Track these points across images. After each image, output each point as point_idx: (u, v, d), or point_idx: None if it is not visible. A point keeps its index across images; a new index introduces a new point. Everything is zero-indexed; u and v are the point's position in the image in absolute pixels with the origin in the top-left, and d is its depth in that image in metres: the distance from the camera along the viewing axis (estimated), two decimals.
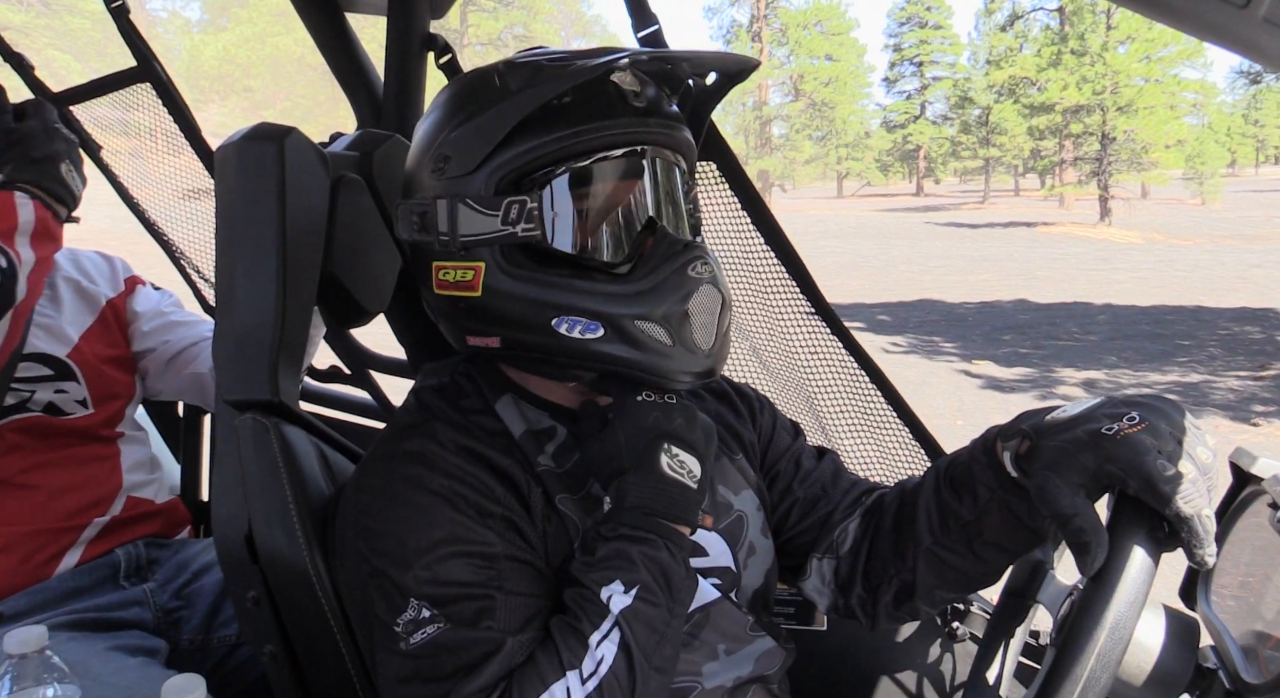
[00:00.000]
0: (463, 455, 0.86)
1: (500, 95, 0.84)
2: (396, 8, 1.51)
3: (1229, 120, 43.03)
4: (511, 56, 0.91)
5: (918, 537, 0.95)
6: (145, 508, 1.43)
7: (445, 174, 0.87)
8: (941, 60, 40.81)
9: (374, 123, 1.60)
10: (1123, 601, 0.71)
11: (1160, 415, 0.75)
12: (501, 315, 0.87)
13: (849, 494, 1.07)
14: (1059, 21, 28.46)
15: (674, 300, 0.84)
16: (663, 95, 0.92)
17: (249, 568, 0.97)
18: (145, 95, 1.85)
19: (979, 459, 0.89)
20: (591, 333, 0.84)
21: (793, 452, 1.10)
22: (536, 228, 0.84)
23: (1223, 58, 49.63)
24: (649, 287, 0.84)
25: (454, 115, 0.87)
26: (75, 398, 1.36)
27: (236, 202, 0.99)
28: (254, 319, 0.98)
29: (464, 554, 0.81)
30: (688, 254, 0.85)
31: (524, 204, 0.84)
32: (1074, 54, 26.02)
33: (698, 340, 0.85)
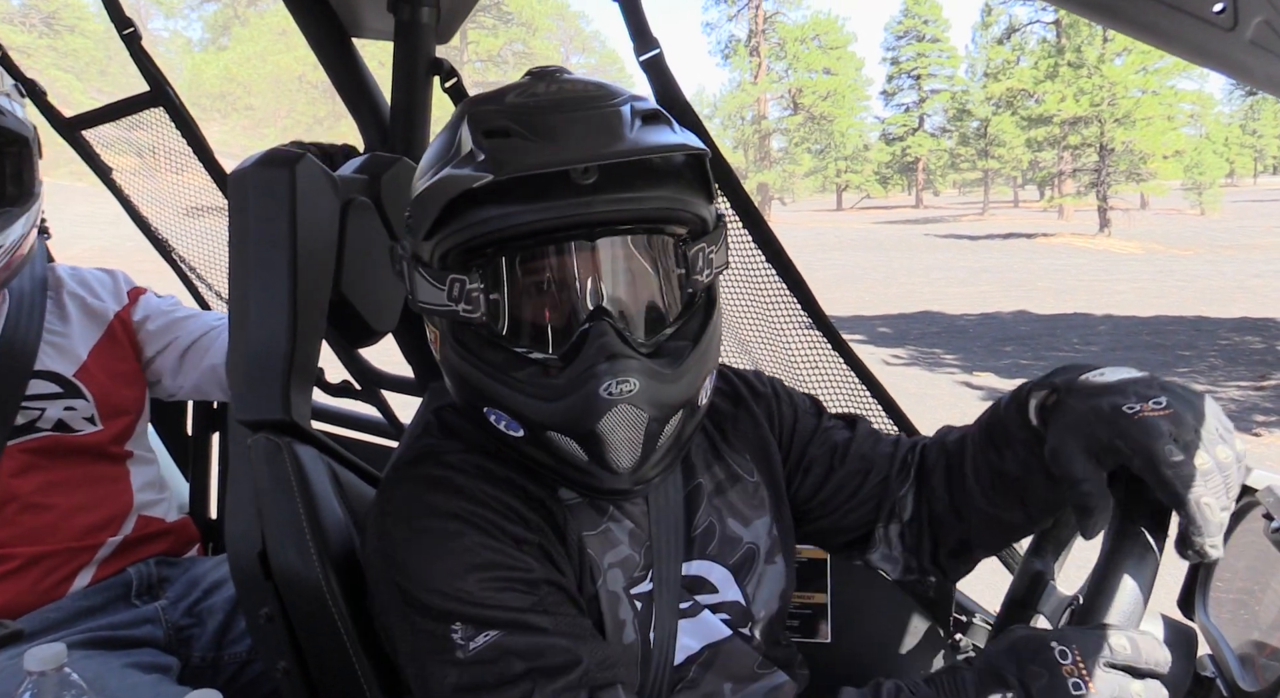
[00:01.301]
0: (494, 482, 0.86)
1: (447, 161, 0.81)
2: (403, 33, 1.53)
3: (1227, 131, 43.23)
4: (486, 98, 0.87)
5: (971, 500, 0.94)
6: (156, 527, 1.45)
7: (410, 233, 0.85)
8: (939, 73, 41.03)
9: (381, 145, 1.63)
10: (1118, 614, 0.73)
11: (1188, 406, 0.74)
12: (453, 385, 0.88)
13: (895, 459, 1.03)
14: (1056, 34, 28.64)
15: (584, 420, 0.80)
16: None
17: (262, 585, 0.98)
18: (149, 116, 1.88)
19: (1010, 412, 0.89)
20: (514, 431, 0.83)
21: (821, 434, 1.06)
22: (475, 310, 0.82)
23: None
24: (557, 396, 0.80)
25: (426, 167, 0.85)
26: (84, 415, 1.38)
27: (250, 225, 1.01)
28: (267, 340, 1.00)
29: (506, 581, 0.80)
30: (609, 369, 0.79)
31: (464, 284, 0.81)
32: (1071, 66, 26.16)
33: (613, 460, 0.81)
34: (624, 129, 0.79)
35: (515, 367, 0.82)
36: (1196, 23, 0.82)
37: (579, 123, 0.79)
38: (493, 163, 0.76)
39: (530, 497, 0.87)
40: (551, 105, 0.81)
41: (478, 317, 0.82)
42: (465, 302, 0.81)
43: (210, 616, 1.40)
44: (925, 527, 1.00)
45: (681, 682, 0.92)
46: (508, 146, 0.78)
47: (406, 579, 0.82)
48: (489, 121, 0.80)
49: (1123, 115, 24.92)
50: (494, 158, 0.77)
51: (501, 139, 0.78)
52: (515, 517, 0.84)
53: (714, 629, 0.94)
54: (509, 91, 0.85)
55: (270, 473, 0.97)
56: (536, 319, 0.84)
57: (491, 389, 0.82)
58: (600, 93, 0.84)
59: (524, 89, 0.85)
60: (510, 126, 0.79)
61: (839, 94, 38.66)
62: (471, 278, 0.81)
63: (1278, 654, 0.82)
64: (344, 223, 1.11)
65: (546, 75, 0.87)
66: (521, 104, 0.82)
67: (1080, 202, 27.52)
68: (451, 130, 0.84)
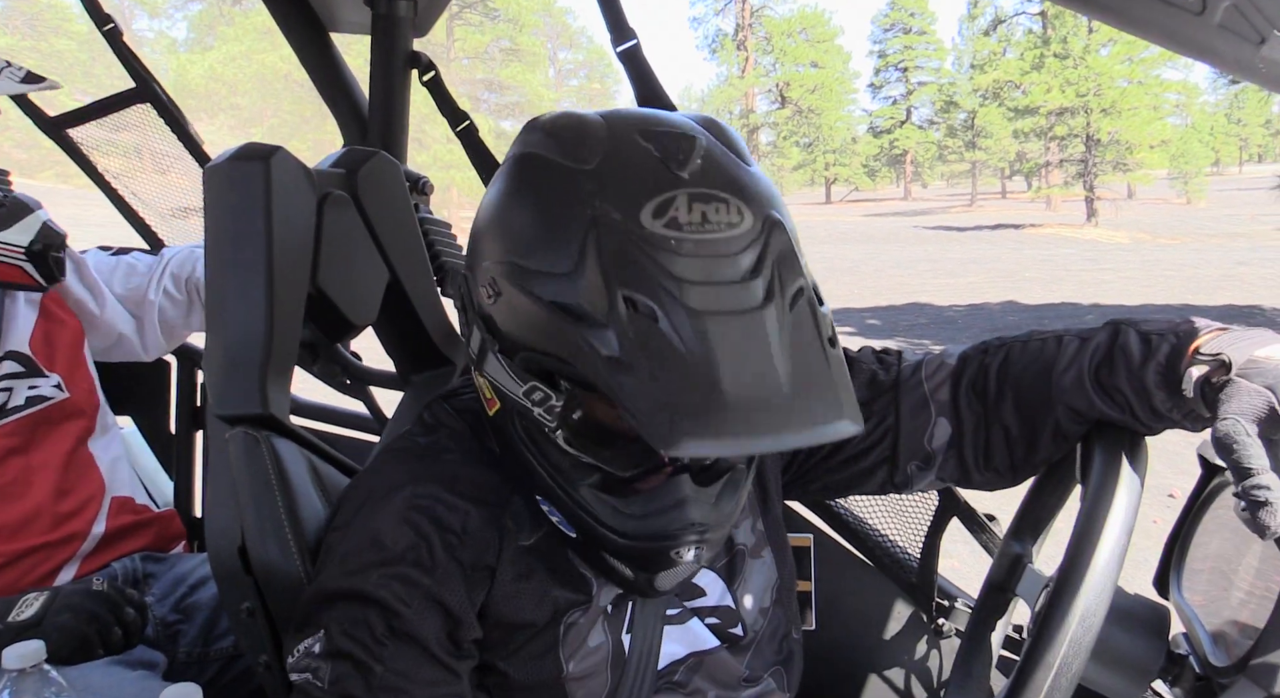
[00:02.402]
0: (450, 504, 0.83)
1: (570, 291, 0.68)
2: (380, 27, 1.53)
3: (1212, 120, 43.43)
4: (625, 167, 0.70)
5: (1061, 432, 0.89)
6: (138, 515, 1.44)
7: (492, 305, 0.75)
8: (926, 65, 41.12)
9: (360, 140, 1.63)
10: (1091, 590, 0.74)
11: None
12: (502, 447, 0.84)
13: (907, 391, 0.96)
14: (1041, 25, 28.73)
15: (650, 564, 0.79)
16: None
17: (243, 580, 0.98)
18: (135, 117, 1.87)
19: (1150, 375, 0.81)
20: (566, 529, 0.81)
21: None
22: (553, 421, 0.74)
23: None
24: (629, 539, 0.77)
25: (520, 250, 0.72)
26: (50, 384, 1.38)
27: (225, 219, 1.01)
28: (244, 334, 0.99)
29: (364, 620, 0.78)
30: (685, 536, 0.76)
31: (547, 397, 0.73)
32: (1057, 57, 26.26)
33: (661, 586, 0.82)
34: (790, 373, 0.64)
35: (581, 475, 0.78)
36: (1167, 7, 0.83)
37: (741, 351, 0.63)
38: (633, 400, 0.62)
39: (483, 522, 0.84)
40: (698, 283, 0.64)
41: (552, 426, 0.75)
42: (544, 410, 0.74)
43: (197, 611, 1.40)
44: (970, 455, 0.95)
45: (665, 683, 0.90)
46: (649, 370, 0.63)
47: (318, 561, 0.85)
48: (633, 280, 0.65)
49: (1109, 105, 25.04)
50: (633, 391, 0.63)
51: (643, 324, 0.64)
52: (426, 560, 0.80)
53: (702, 639, 0.92)
54: (630, 182, 0.68)
55: (249, 467, 0.97)
56: (614, 445, 0.77)
57: (552, 492, 0.79)
58: (741, 242, 0.67)
59: (646, 191, 0.68)
60: (655, 312, 0.64)
61: (826, 87, 38.72)
62: (557, 397, 0.73)
63: (1248, 631, 0.83)
64: (321, 217, 1.11)
65: (682, 149, 0.70)
66: (660, 240, 0.65)
67: (1067, 192, 27.66)
68: (565, 229, 0.69)
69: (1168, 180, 30.80)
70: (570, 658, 0.85)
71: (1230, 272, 13.67)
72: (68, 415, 1.40)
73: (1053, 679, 0.73)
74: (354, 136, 1.64)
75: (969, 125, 36.16)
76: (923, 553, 1.42)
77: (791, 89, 39.02)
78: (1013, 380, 0.91)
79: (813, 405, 0.63)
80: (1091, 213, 24.29)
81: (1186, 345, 0.80)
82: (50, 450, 1.36)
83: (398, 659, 0.77)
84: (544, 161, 0.73)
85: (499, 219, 0.75)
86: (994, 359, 0.94)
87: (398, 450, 0.90)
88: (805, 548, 1.48)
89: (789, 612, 0.99)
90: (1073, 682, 0.73)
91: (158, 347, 1.64)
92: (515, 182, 0.75)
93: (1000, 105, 31.13)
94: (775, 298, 0.65)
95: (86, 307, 1.51)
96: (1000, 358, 0.93)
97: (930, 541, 1.42)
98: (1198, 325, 0.82)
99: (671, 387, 0.62)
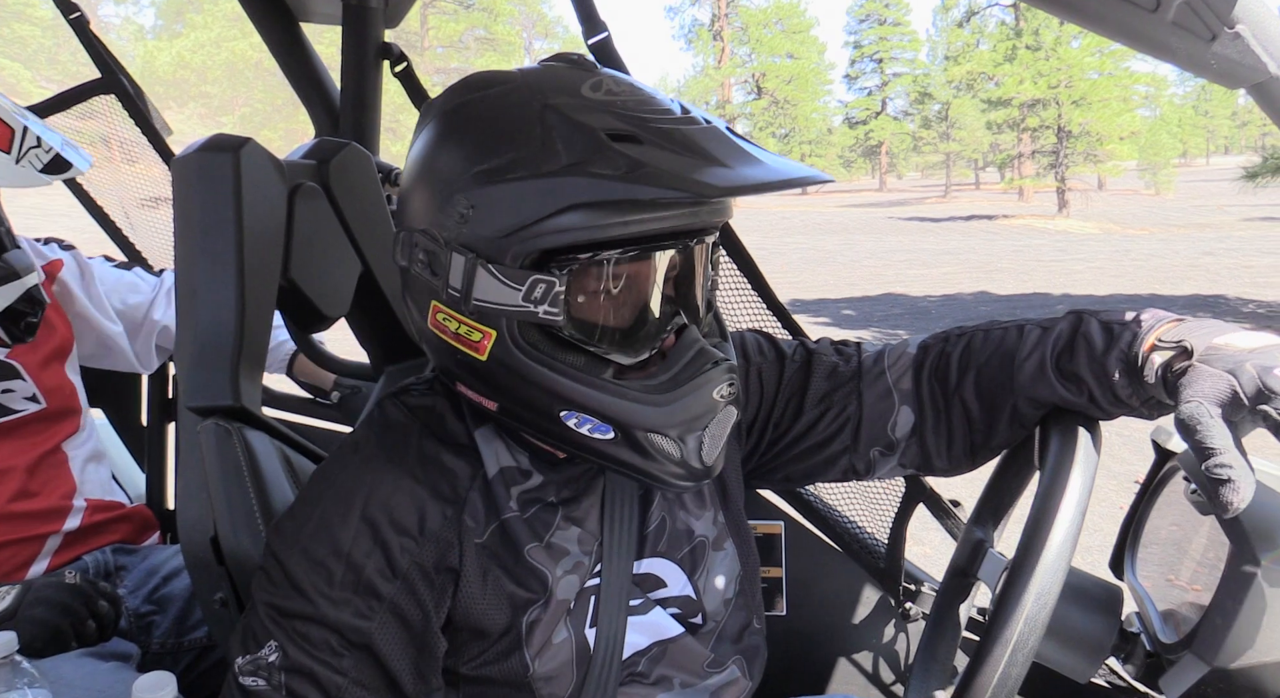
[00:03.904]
0: (400, 504, 0.81)
1: (547, 158, 0.73)
2: (351, 18, 1.53)
3: (1180, 112, 44.09)
4: (549, 76, 0.79)
5: (1019, 418, 0.92)
6: (112, 512, 1.44)
7: (467, 225, 0.76)
8: (901, 57, 41.33)
9: (331, 131, 1.62)
10: (1046, 570, 0.77)
11: None
12: (506, 388, 0.80)
13: (869, 381, 0.98)
14: (1014, 17, 28.95)
15: (694, 422, 0.78)
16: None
17: (215, 571, 0.98)
18: (102, 105, 1.85)
19: (1111, 361, 0.84)
20: (601, 434, 0.78)
21: (785, 387, 1.01)
22: (560, 313, 0.75)
23: None
24: (670, 401, 0.77)
25: (483, 157, 0.75)
26: (24, 395, 1.36)
27: (195, 211, 1.01)
28: (215, 326, 1.00)
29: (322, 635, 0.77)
30: (716, 374, 0.79)
31: (551, 286, 0.74)
32: (1029, 49, 26.51)
33: (705, 456, 0.80)
34: (748, 144, 0.76)
35: (599, 369, 0.78)
36: (1123, 4, 0.85)
37: (713, 139, 0.74)
38: (663, 175, 0.70)
39: (443, 521, 0.82)
40: (655, 115, 0.75)
41: (560, 320, 0.75)
42: (550, 304, 0.74)
43: (170, 602, 1.40)
44: (931, 442, 0.97)
45: (630, 675, 0.91)
46: (661, 157, 0.71)
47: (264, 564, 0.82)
48: (604, 123, 0.73)
49: (1079, 97, 25.32)
50: (658, 169, 0.70)
51: (635, 145, 0.72)
52: (386, 565, 0.80)
53: (664, 627, 0.92)
54: (561, 81, 0.78)
55: (221, 459, 0.97)
56: (624, 323, 0.80)
57: (579, 394, 0.77)
58: (667, 99, 0.79)
59: (576, 82, 0.77)
60: (637, 133, 0.73)
61: (802, 78, 38.80)
62: (560, 280, 0.74)
63: (1194, 608, 0.86)
64: (292, 208, 1.11)
65: (586, 64, 0.81)
66: (607, 102, 0.75)
67: (1040, 183, 27.96)
68: (521, 121, 0.75)
69: (1137, 172, 31.23)
70: (536, 657, 0.84)
71: (1196, 261, 13.91)
72: (42, 422, 1.39)
73: (1010, 655, 0.75)
74: (326, 128, 1.64)
75: (943, 117, 36.42)
76: (890, 539, 1.45)
77: (767, 80, 39.06)
78: (974, 368, 0.93)
79: (795, 167, 0.73)
80: (1063, 204, 24.58)
81: (1148, 334, 0.82)
82: (18, 455, 1.35)
83: (359, 670, 0.78)
84: (472, 98, 0.79)
85: (446, 152, 0.78)
86: (955, 347, 0.96)
87: (353, 448, 0.87)
88: (776, 535, 1.50)
89: (751, 603, 1.00)
90: (1028, 657, 0.76)
91: (151, 363, 1.66)
92: (450, 120, 0.79)
93: (974, 97, 31.37)
94: (715, 123, 0.76)
95: (85, 315, 1.51)
96: (961, 346, 0.96)
97: (897, 527, 1.45)
98: (1157, 316, 0.84)
99: (683, 153, 0.71)
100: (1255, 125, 47.20)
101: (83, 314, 1.50)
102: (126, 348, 1.59)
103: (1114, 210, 25.07)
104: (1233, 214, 22.10)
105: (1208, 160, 60.23)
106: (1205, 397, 0.73)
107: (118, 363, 1.61)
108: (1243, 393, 0.72)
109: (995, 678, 0.76)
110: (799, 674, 1.50)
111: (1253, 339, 0.76)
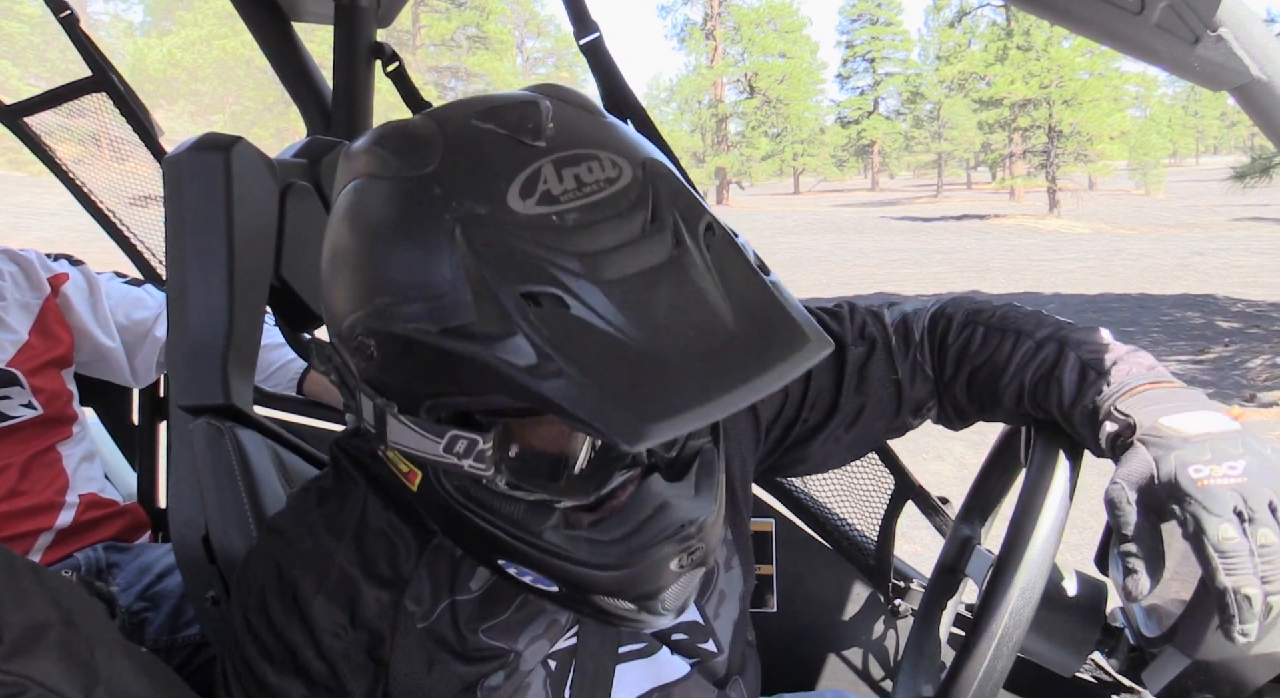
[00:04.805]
0: (330, 599, 0.74)
1: (455, 312, 0.58)
2: (343, 17, 1.53)
3: (1170, 112, 44.33)
4: (474, 157, 0.61)
5: (1007, 419, 0.94)
6: (105, 509, 1.45)
7: (372, 364, 0.63)
8: (893, 56, 41.43)
9: (324, 130, 1.62)
10: (1030, 566, 0.78)
11: (1268, 475, 0.69)
12: (441, 523, 0.71)
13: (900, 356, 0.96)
14: (1005, 17, 29.05)
15: (650, 591, 0.67)
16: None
17: (207, 569, 0.99)
18: (93, 103, 1.84)
19: (1078, 415, 0.82)
20: (545, 585, 0.68)
21: (811, 394, 0.96)
22: (489, 469, 0.62)
23: None
24: (620, 567, 0.65)
25: (380, 285, 0.61)
26: (20, 402, 1.37)
27: (186, 210, 1.01)
28: (206, 325, 1.00)
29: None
30: (673, 546, 0.66)
31: (474, 443, 0.61)
32: (1020, 49, 26.62)
33: (667, 610, 0.69)
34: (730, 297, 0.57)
35: (540, 519, 0.66)
36: (1107, 7, 0.87)
37: (671, 301, 0.56)
38: (580, 403, 0.53)
39: (377, 609, 0.75)
40: (596, 249, 0.56)
41: (488, 473, 0.62)
42: (474, 460, 0.61)
43: (164, 599, 1.40)
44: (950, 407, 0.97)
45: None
46: (584, 341, 0.54)
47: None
48: (525, 273, 0.56)
49: (1070, 97, 25.45)
50: (583, 367, 0.53)
51: (557, 316, 0.55)
52: (312, 650, 0.75)
53: (667, 669, 0.86)
54: (487, 167, 0.60)
55: (212, 458, 0.98)
56: (565, 468, 0.67)
57: (516, 551, 0.66)
58: (628, 196, 0.59)
59: (507, 173, 0.59)
60: (562, 295, 0.55)
61: (794, 77, 38.84)
62: (485, 438, 0.61)
63: (1176, 603, 0.87)
64: (283, 207, 1.11)
65: (534, 117, 0.62)
66: (539, 219, 0.57)
67: (1031, 183, 28.07)
68: (426, 243, 0.59)
69: (1127, 171, 31.39)
70: None
71: (1186, 261, 13.99)
72: (38, 427, 1.40)
73: (995, 649, 0.77)
74: (318, 127, 1.64)
75: (935, 116, 36.54)
76: (879, 536, 1.47)
77: (760, 79, 39.09)
78: (968, 368, 0.93)
79: (770, 339, 0.56)
80: (1054, 204, 24.69)
81: (1113, 397, 0.80)
82: (12, 456, 1.36)
83: None
84: (377, 183, 0.62)
85: (348, 265, 0.64)
86: (955, 341, 0.94)
87: (301, 507, 0.80)
88: (767, 533, 1.51)
89: (747, 617, 0.96)
90: (1013, 651, 0.77)
91: (148, 377, 1.67)
92: (352, 217, 0.64)
93: (965, 97, 31.48)
94: (686, 240, 0.58)
95: (84, 329, 1.52)
96: (960, 344, 0.94)
97: (886, 524, 1.46)
98: (1134, 370, 0.81)
99: (611, 373, 0.53)
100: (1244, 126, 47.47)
101: (81, 328, 1.52)
102: (122, 364, 1.60)
103: (1105, 210, 25.19)
104: (1222, 214, 22.23)
105: (1197, 160, 60.53)
106: (1128, 480, 0.73)
107: (111, 376, 1.63)
108: (1158, 483, 0.71)
109: (981, 672, 0.77)
110: (789, 671, 1.51)
111: (1200, 424, 0.73)
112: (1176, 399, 0.76)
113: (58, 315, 1.47)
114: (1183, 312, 9.80)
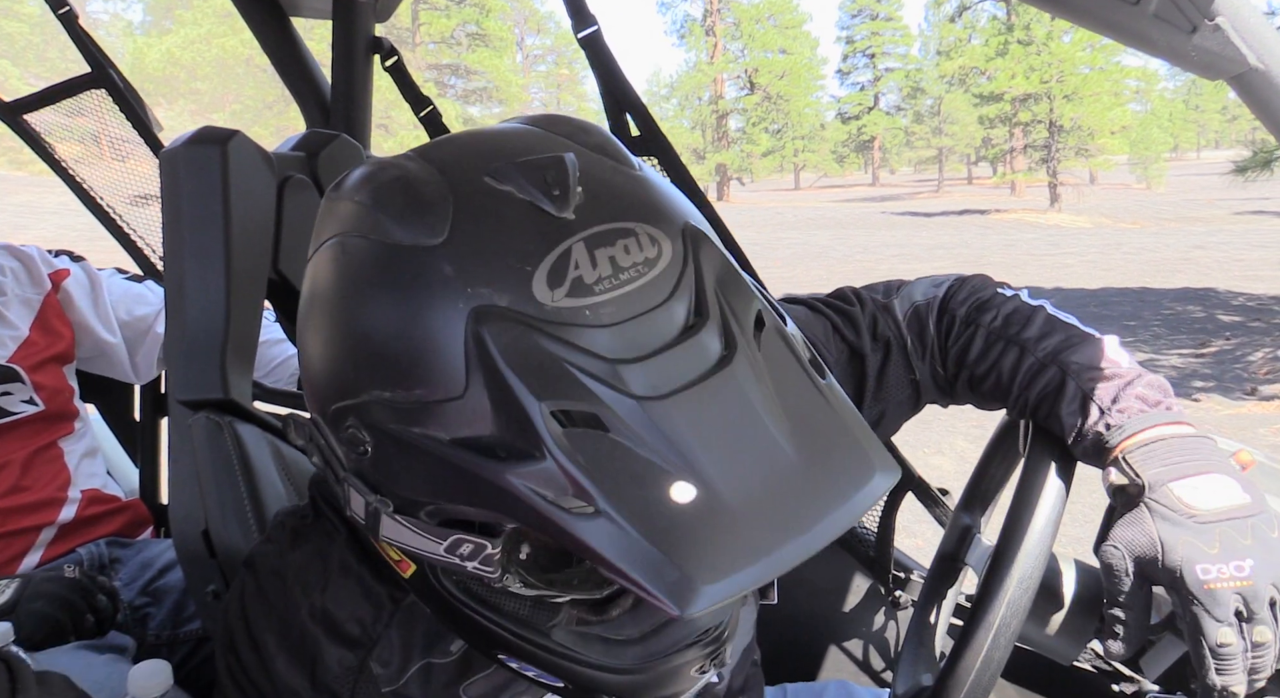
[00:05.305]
0: (292, 649, 0.71)
1: (472, 421, 0.51)
2: (341, 12, 1.53)
3: (1170, 106, 44.25)
4: (494, 224, 0.52)
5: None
6: (107, 505, 1.45)
7: (367, 461, 0.56)
8: (893, 52, 41.34)
9: (323, 124, 1.63)
10: (1027, 556, 0.78)
11: (1271, 571, 0.67)
12: (437, 612, 0.64)
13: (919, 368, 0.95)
14: (1005, 12, 28.99)
15: (664, 694, 0.62)
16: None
17: (207, 563, 0.99)
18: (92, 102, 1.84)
19: (1078, 449, 0.82)
20: (550, 682, 0.62)
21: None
22: (496, 571, 0.55)
23: None
24: (633, 672, 0.60)
25: (380, 377, 0.53)
26: (22, 398, 1.38)
27: (183, 205, 1.01)
28: (204, 320, 1.00)
29: None
30: (700, 646, 0.61)
31: (481, 548, 0.54)
32: (1020, 44, 26.54)
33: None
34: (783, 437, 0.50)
35: (547, 616, 0.60)
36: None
37: (730, 429, 0.49)
38: (635, 542, 0.46)
39: (339, 672, 0.70)
40: (637, 358, 0.49)
41: (495, 575, 0.55)
42: (480, 563, 0.55)
43: (166, 594, 1.41)
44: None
45: None
46: (626, 475, 0.47)
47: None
48: (557, 387, 0.48)
49: (1070, 92, 25.38)
50: (626, 508, 0.47)
51: (595, 441, 0.48)
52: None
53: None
54: (509, 245, 0.51)
55: (211, 452, 0.98)
56: (580, 562, 0.58)
57: (520, 649, 0.60)
58: (669, 279, 0.52)
59: (531, 257, 0.50)
60: (593, 411, 0.48)
61: (795, 73, 38.76)
62: (493, 543, 0.54)
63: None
64: (281, 201, 1.11)
65: (561, 181, 0.52)
66: (569, 318, 0.49)
67: (1031, 178, 28.04)
68: (437, 340, 0.50)
69: (1128, 166, 31.39)
70: None
71: (1187, 255, 13.97)
72: (40, 423, 1.41)
73: (993, 638, 0.77)
74: (317, 123, 1.64)
75: (935, 111, 36.49)
76: (879, 528, 1.47)
77: (760, 75, 39.01)
78: (967, 371, 0.92)
79: (835, 468, 0.50)
80: (1055, 198, 24.64)
81: (1120, 438, 0.77)
82: (14, 452, 1.36)
83: None
84: (376, 248, 0.53)
85: (336, 341, 0.55)
86: (955, 345, 0.92)
87: (275, 550, 0.75)
88: None
89: (754, 640, 0.95)
90: (1011, 640, 0.77)
91: (149, 373, 1.67)
92: (346, 284, 0.54)
93: (966, 92, 31.43)
94: (736, 339, 0.51)
95: (85, 324, 1.53)
96: (959, 347, 0.92)
97: (886, 515, 1.46)
98: (1134, 405, 0.79)
99: (658, 518, 0.46)
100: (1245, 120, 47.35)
101: (82, 323, 1.53)
102: (123, 359, 1.61)
103: (1106, 204, 25.15)
104: (1223, 208, 22.20)
105: (1198, 154, 60.46)
106: (1129, 549, 0.73)
107: (112, 372, 1.63)
108: (1161, 567, 0.70)
109: (979, 661, 0.77)
110: (789, 662, 1.51)
111: (1211, 498, 0.70)
112: (1187, 457, 0.74)
113: (59, 311, 1.47)
114: (1184, 305, 9.79)
